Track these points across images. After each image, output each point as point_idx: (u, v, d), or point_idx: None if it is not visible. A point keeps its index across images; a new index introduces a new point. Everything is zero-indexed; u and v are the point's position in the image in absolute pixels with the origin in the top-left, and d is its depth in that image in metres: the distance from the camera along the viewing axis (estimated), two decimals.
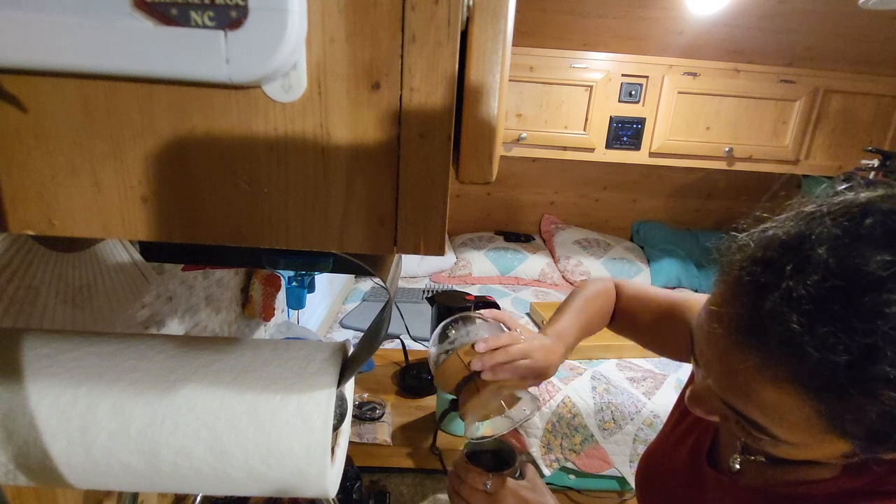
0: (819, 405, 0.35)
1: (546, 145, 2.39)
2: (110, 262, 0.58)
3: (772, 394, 0.37)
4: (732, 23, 2.15)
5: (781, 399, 0.37)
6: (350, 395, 0.41)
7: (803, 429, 0.37)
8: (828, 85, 2.34)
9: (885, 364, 0.32)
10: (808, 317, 0.34)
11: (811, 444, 0.39)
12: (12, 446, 0.32)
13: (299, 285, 1.12)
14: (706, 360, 0.42)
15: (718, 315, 0.40)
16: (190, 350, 0.36)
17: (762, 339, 0.36)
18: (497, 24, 0.25)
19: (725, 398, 0.41)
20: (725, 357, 0.40)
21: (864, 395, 0.33)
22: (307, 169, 0.26)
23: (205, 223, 0.27)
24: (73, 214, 0.26)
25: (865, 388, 0.33)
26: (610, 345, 1.88)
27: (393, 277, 0.38)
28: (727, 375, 0.40)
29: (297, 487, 0.35)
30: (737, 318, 0.38)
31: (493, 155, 0.28)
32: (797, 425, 0.37)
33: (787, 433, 0.38)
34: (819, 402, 0.35)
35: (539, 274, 2.67)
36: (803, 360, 0.34)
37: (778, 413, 0.38)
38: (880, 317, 0.32)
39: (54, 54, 0.23)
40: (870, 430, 0.35)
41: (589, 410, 1.66)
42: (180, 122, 0.25)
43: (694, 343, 0.44)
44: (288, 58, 0.24)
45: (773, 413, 0.38)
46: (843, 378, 0.33)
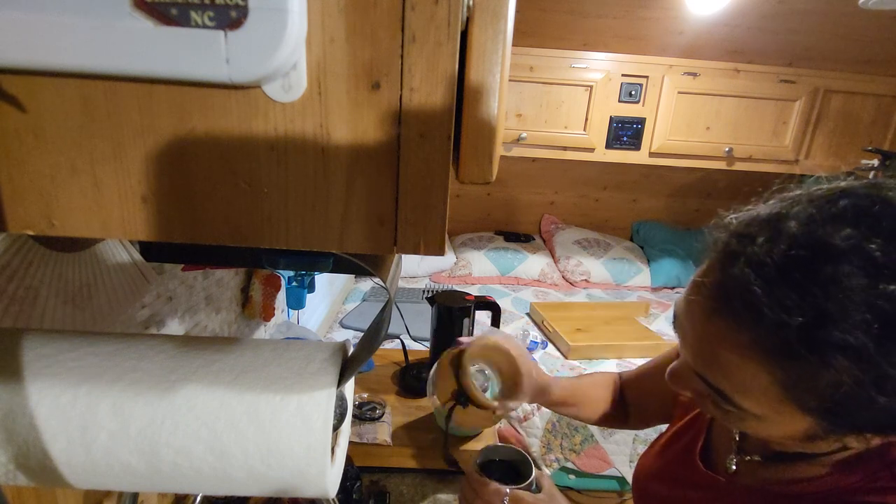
0: (775, 371, 0.37)
1: (546, 145, 2.39)
2: (110, 262, 0.58)
3: (735, 360, 0.39)
4: (732, 23, 2.15)
5: (743, 365, 0.38)
6: (350, 395, 0.41)
7: (764, 399, 0.39)
8: (828, 85, 2.34)
9: (837, 330, 0.33)
10: (770, 281, 0.36)
11: (773, 417, 0.40)
12: (12, 446, 0.32)
13: (299, 285, 1.12)
14: (683, 331, 0.45)
15: (698, 285, 0.42)
16: (190, 350, 0.36)
17: (729, 304, 0.39)
18: (497, 24, 0.25)
19: (698, 369, 0.43)
20: (699, 325, 0.42)
21: (816, 360, 0.35)
22: (307, 169, 0.26)
23: (205, 223, 0.27)
24: (73, 214, 0.26)
25: (817, 352, 0.34)
26: (610, 345, 1.88)
27: (393, 277, 0.38)
28: (699, 343, 0.42)
29: (297, 487, 0.35)
30: (710, 286, 0.41)
31: (493, 155, 0.28)
32: (759, 395, 0.39)
33: (751, 404, 0.40)
34: (775, 368, 0.37)
35: (539, 274, 2.67)
36: (761, 322, 0.36)
37: (742, 381, 0.39)
38: (837, 285, 0.33)
39: (54, 54, 0.23)
40: (823, 401, 0.36)
41: None
42: (180, 122, 0.25)
43: (675, 316, 0.46)
44: (288, 58, 0.24)
45: (738, 381, 0.40)
46: (796, 340, 0.35)
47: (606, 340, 1.90)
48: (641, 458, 0.71)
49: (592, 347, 1.86)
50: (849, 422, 0.38)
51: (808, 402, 0.37)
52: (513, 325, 2.10)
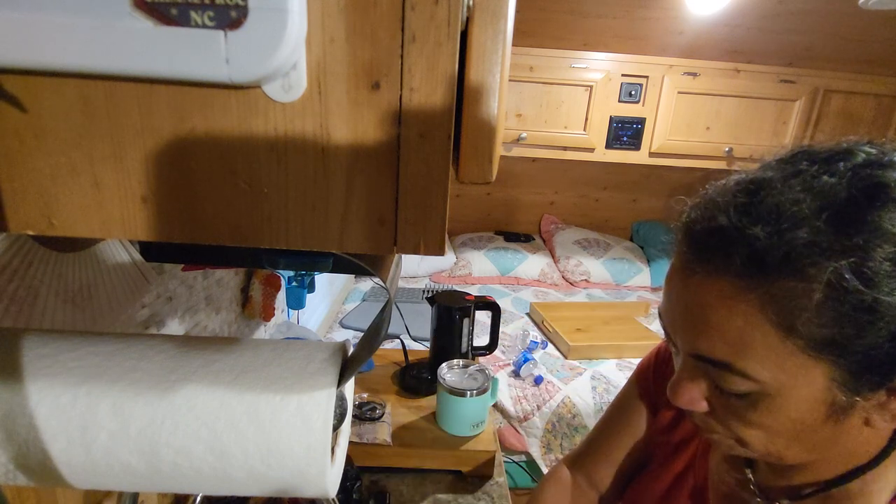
0: (765, 305, 0.36)
1: (546, 145, 2.39)
2: (110, 262, 0.58)
3: (724, 313, 0.38)
4: (732, 23, 2.15)
5: (733, 314, 0.37)
6: (350, 395, 0.41)
7: (767, 353, 0.37)
8: (828, 85, 2.34)
9: (796, 233, 0.34)
10: (728, 215, 0.37)
11: (784, 381, 0.37)
12: (12, 446, 0.32)
13: (299, 285, 1.12)
14: (671, 317, 0.43)
15: (670, 269, 0.43)
16: (190, 350, 0.36)
17: (702, 254, 0.39)
18: (497, 24, 0.25)
19: (695, 349, 0.41)
20: (682, 295, 0.41)
21: (790, 271, 0.35)
22: (307, 169, 0.26)
23: (205, 223, 0.27)
24: (73, 214, 0.26)
25: (787, 262, 0.35)
26: (610, 345, 1.88)
27: (393, 277, 0.38)
28: (687, 316, 0.41)
29: (297, 487, 0.35)
30: (678, 256, 0.42)
31: (493, 155, 0.28)
32: (760, 349, 0.37)
33: (756, 365, 0.37)
34: (763, 301, 0.36)
35: (539, 274, 2.67)
36: (731, 257, 0.37)
37: (739, 336, 0.37)
38: (784, 200, 0.36)
39: (54, 54, 0.23)
40: (820, 328, 0.35)
41: (589, 410, 1.66)
42: (180, 122, 0.25)
43: (661, 314, 0.45)
44: (288, 58, 0.24)
45: (735, 338, 0.38)
46: (766, 258, 0.35)
47: (606, 340, 1.90)
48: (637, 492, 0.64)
49: (592, 347, 1.86)
50: (862, 361, 0.35)
51: (806, 333, 0.35)
52: (513, 325, 2.10)
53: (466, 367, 1.07)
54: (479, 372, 1.05)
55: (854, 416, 0.38)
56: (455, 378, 1.03)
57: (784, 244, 0.35)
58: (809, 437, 0.40)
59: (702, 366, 0.41)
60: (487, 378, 1.03)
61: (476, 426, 1.02)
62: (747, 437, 0.42)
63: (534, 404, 1.68)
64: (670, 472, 0.60)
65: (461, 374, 1.05)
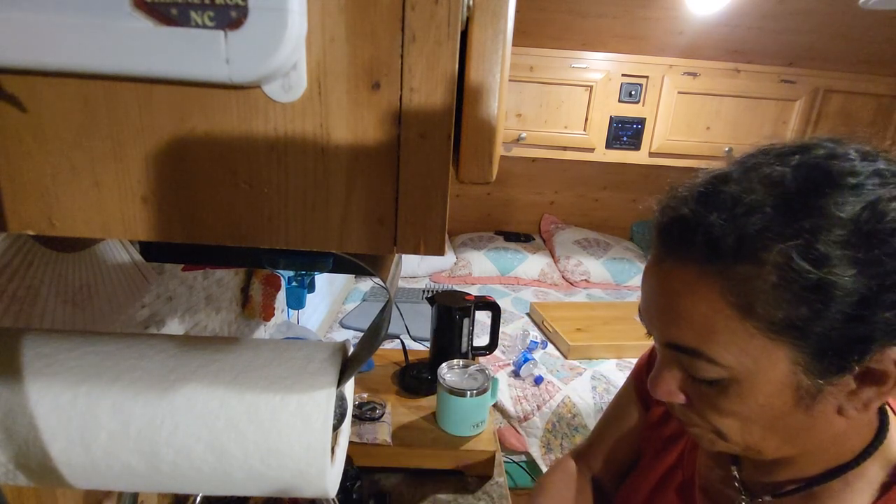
0: (725, 290, 0.37)
1: (546, 145, 2.39)
2: (110, 262, 0.58)
3: (690, 299, 0.39)
4: (733, 23, 2.15)
5: (698, 300, 0.39)
6: (350, 395, 0.41)
7: (732, 338, 0.38)
8: (828, 85, 2.34)
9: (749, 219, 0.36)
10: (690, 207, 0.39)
11: (750, 367, 0.38)
12: (12, 446, 0.32)
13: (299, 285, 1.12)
14: (647, 310, 0.45)
15: (649, 258, 0.45)
16: (190, 349, 0.36)
17: (668, 244, 0.41)
18: (497, 24, 0.25)
19: (665, 339, 0.42)
20: (654, 286, 0.43)
21: (748, 259, 0.36)
22: (307, 169, 0.26)
23: (205, 223, 0.27)
24: (73, 214, 0.26)
25: (743, 248, 0.36)
26: (610, 345, 1.88)
27: (393, 277, 0.38)
28: (660, 305, 0.42)
29: (297, 487, 0.35)
30: (656, 246, 0.43)
31: (493, 155, 0.28)
32: (725, 334, 0.38)
33: (722, 351, 0.39)
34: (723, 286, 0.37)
35: (539, 274, 2.67)
36: (694, 244, 0.38)
37: (705, 322, 0.39)
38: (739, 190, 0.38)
39: (54, 54, 0.23)
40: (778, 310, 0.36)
41: (589, 410, 1.66)
42: (180, 122, 0.25)
43: (640, 311, 0.46)
44: (288, 58, 0.24)
45: (702, 324, 0.39)
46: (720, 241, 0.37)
47: (606, 340, 1.90)
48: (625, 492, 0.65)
49: (592, 347, 1.86)
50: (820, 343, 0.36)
51: (764, 315, 0.36)
52: (513, 325, 2.10)
53: (466, 367, 1.07)
54: (479, 372, 1.05)
55: (825, 404, 0.39)
56: (455, 378, 1.03)
57: (737, 229, 0.36)
58: (784, 427, 0.40)
59: (675, 355, 0.42)
60: (487, 378, 1.03)
61: (476, 426, 1.02)
62: (724, 427, 0.42)
63: (534, 404, 1.68)
64: (660, 468, 0.60)
65: (461, 374, 1.05)
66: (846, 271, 0.34)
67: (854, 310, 0.34)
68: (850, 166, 0.36)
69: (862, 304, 0.34)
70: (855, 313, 0.34)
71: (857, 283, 0.34)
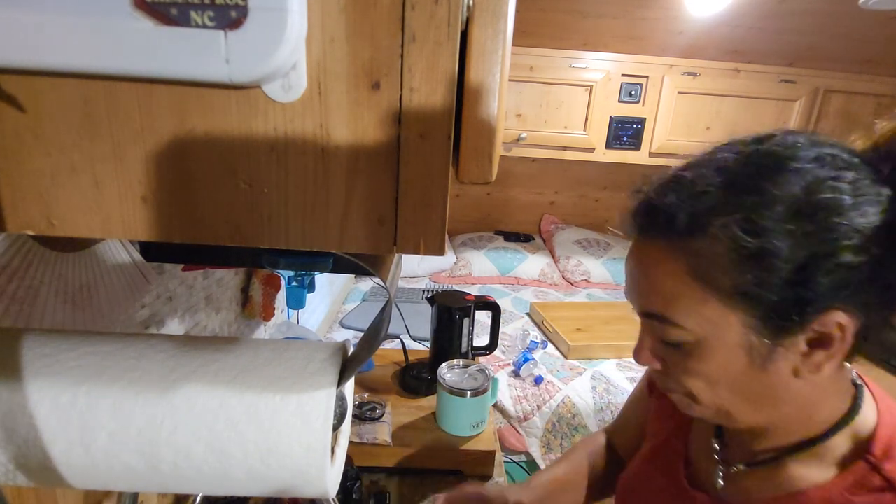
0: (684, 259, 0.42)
1: (546, 145, 2.39)
2: (110, 262, 0.58)
3: (659, 270, 0.44)
4: (733, 23, 2.15)
5: (664, 270, 0.44)
6: (350, 395, 0.41)
7: (691, 303, 0.42)
8: (828, 85, 2.34)
9: (698, 201, 0.41)
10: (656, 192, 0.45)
11: (709, 330, 0.42)
12: (12, 446, 0.32)
13: (299, 285, 1.12)
14: (628, 288, 0.49)
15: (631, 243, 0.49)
16: (190, 350, 0.36)
17: (640, 227, 0.46)
18: (497, 24, 0.25)
19: (641, 309, 0.47)
20: (632, 266, 0.48)
21: (701, 233, 0.41)
22: (307, 169, 0.26)
23: (205, 223, 0.27)
24: (73, 214, 0.26)
25: (696, 224, 0.41)
26: (610, 345, 1.88)
27: (393, 277, 0.38)
28: (635, 282, 0.47)
29: (297, 487, 0.35)
30: (633, 232, 0.47)
31: (493, 155, 0.28)
32: (686, 300, 0.43)
33: (685, 316, 0.43)
34: (681, 256, 0.42)
35: (539, 274, 2.67)
36: (657, 221, 0.44)
37: (670, 289, 0.43)
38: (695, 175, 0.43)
39: (54, 54, 0.23)
40: (729, 277, 0.40)
41: (589, 410, 1.66)
42: (180, 122, 0.25)
43: (626, 293, 0.50)
44: (288, 58, 0.24)
45: (668, 291, 0.44)
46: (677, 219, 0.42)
47: (606, 340, 1.90)
48: (622, 479, 0.68)
49: (592, 347, 1.86)
50: (765, 306, 0.40)
51: (718, 283, 0.41)
52: (513, 325, 2.10)
53: (466, 367, 1.07)
54: (479, 372, 1.05)
55: (778, 364, 0.42)
56: (455, 378, 1.03)
57: (690, 208, 0.41)
58: (747, 389, 0.44)
59: (650, 323, 0.47)
60: (487, 378, 1.03)
61: (476, 426, 1.02)
62: (694, 388, 0.46)
63: (534, 404, 1.68)
64: (655, 445, 0.65)
65: (461, 374, 1.05)
66: (784, 242, 0.38)
67: (793, 276, 0.38)
68: (793, 152, 0.40)
69: (799, 271, 0.38)
70: (794, 279, 0.39)
71: (795, 253, 0.38)
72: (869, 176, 0.39)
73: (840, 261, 0.38)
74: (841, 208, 0.38)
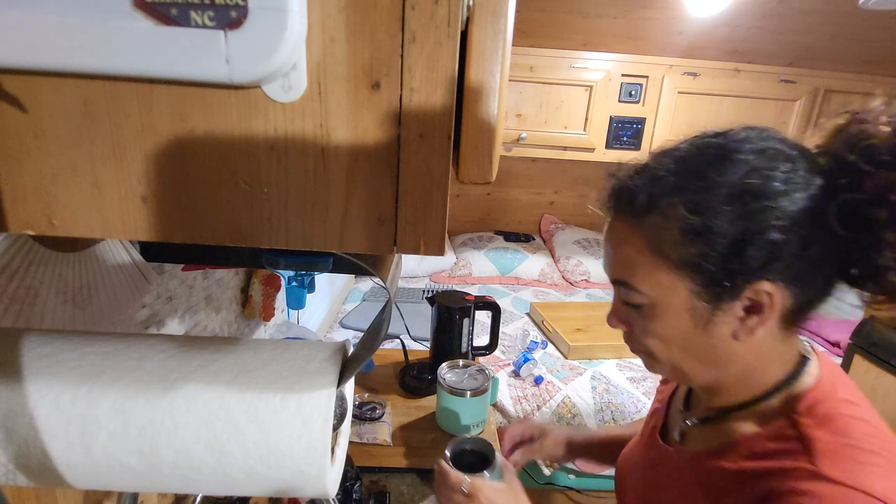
0: (642, 234, 0.48)
1: (546, 145, 2.39)
2: (110, 262, 0.58)
3: (623, 246, 0.51)
4: (733, 23, 2.14)
5: (628, 245, 0.50)
6: (350, 395, 0.41)
7: (647, 271, 0.49)
8: (828, 85, 2.34)
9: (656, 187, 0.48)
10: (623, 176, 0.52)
11: (661, 294, 0.49)
12: (12, 446, 0.32)
13: (299, 285, 1.12)
14: (605, 261, 0.55)
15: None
16: (190, 350, 0.36)
17: (611, 209, 0.53)
18: (497, 24, 0.25)
19: (611, 275, 0.54)
20: (606, 239, 0.54)
21: (656, 211, 0.47)
22: (307, 169, 0.26)
23: (205, 223, 0.27)
24: (73, 214, 0.26)
25: (652, 203, 0.47)
26: (610, 345, 1.88)
27: (393, 277, 0.38)
28: (608, 254, 0.54)
29: (297, 487, 0.35)
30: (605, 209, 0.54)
31: (493, 155, 0.28)
32: (644, 268, 0.49)
33: (643, 282, 0.50)
34: (639, 231, 0.49)
35: (539, 274, 2.67)
36: (620, 201, 0.51)
37: (632, 261, 0.50)
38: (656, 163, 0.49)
39: (54, 54, 0.23)
40: (677, 251, 0.47)
41: (589, 410, 1.66)
42: (180, 122, 0.25)
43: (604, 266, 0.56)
44: (288, 58, 0.24)
45: (630, 262, 0.50)
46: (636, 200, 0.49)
47: (606, 340, 1.90)
48: (623, 450, 0.75)
49: (592, 347, 1.86)
50: (706, 275, 0.46)
51: (669, 254, 0.47)
52: (513, 325, 2.10)
53: (466, 367, 1.07)
54: (479, 372, 1.05)
55: (719, 327, 0.48)
56: (455, 378, 1.03)
57: (648, 189, 0.48)
58: (695, 348, 0.50)
59: (618, 289, 0.53)
60: (487, 378, 1.03)
61: (476, 426, 1.02)
62: (652, 346, 0.52)
63: (534, 404, 1.68)
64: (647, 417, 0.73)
65: (461, 374, 1.05)
66: (722, 220, 0.44)
67: (728, 250, 0.45)
68: (739, 145, 0.46)
69: (734, 246, 0.44)
70: (729, 252, 0.45)
71: (730, 230, 0.44)
72: (805, 167, 0.45)
73: (768, 238, 0.43)
74: (771, 194, 0.43)
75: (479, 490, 0.65)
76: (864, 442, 0.43)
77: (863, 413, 0.47)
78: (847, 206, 0.43)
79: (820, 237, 0.44)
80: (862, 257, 0.44)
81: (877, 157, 0.42)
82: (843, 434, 0.44)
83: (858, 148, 0.43)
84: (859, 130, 0.44)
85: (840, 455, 0.42)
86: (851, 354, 1.37)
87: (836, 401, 0.47)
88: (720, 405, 0.54)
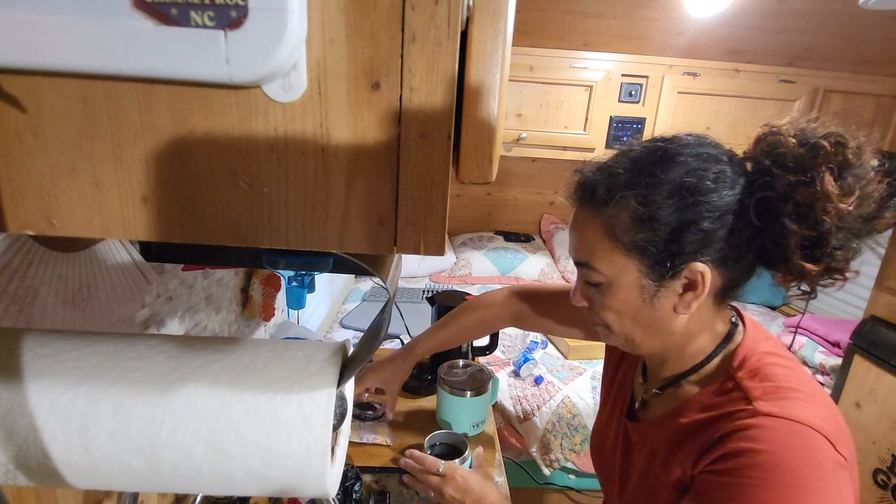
0: (601, 221, 0.56)
1: (546, 145, 2.39)
2: (110, 262, 0.58)
3: (587, 230, 0.58)
4: (732, 23, 2.14)
5: (589, 229, 0.57)
6: (350, 395, 0.41)
7: (605, 253, 0.56)
8: (828, 85, 2.34)
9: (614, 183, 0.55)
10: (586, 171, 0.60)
11: (616, 275, 0.56)
12: (12, 446, 0.32)
13: (299, 285, 1.12)
14: (570, 245, 0.62)
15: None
16: (190, 350, 0.36)
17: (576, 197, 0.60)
18: (497, 24, 0.25)
19: (575, 258, 0.61)
20: (572, 226, 0.61)
21: (612, 202, 0.54)
22: (307, 169, 0.26)
23: (205, 223, 0.27)
24: (73, 214, 0.26)
25: (610, 195, 0.55)
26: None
27: (393, 277, 0.38)
28: (572, 237, 0.61)
29: (297, 487, 0.35)
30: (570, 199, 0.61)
31: (493, 155, 0.28)
32: (602, 251, 0.56)
33: (600, 263, 0.57)
34: (599, 219, 0.56)
35: (539, 274, 2.67)
36: (585, 192, 0.58)
37: (592, 243, 0.57)
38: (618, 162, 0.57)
39: (54, 54, 0.23)
40: (629, 236, 0.54)
41: (589, 410, 1.66)
42: (180, 121, 0.25)
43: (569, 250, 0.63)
44: (288, 58, 0.24)
45: (591, 244, 0.57)
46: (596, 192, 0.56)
47: None
48: (593, 434, 0.82)
49: (592, 347, 1.86)
50: (652, 257, 0.54)
51: (622, 239, 0.54)
52: None
53: (466, 367, 1.07)
54: (479, 372, 1.05)
55: (662, 301, 0.56)
56: (455, 378, 1.03)
57: (607, 183, 0.56)
58: (642, 320, 0.58)
59: (580, 270, 0.60)
60: (487, 378, 1.03)
61: (476, 426, 1.02)
62: (608, 319, 0.60)
63: (534, 404, 1.68)
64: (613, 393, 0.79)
65: (461, 374, 1.05)
66: (665, 211, 0.52)
67: (670, 236, 0.53)
68: (681, 149, 0.55)
69: (674, 232, 0.53)
70: (670, 238, 0.53)
71: (671, 219, 0.52)
72: (732, 169, 0.54)
73: (701, 227, 0.52)
74: (705, 190, 0.52)
75: (453, 470, 0.76)
76: (786, 382, 0.54)
77: (782, 361, 0.57)
78: (762, 201, 0.52)
79: (742, 227, 0.53)
80: (773, 244, 0.52)
81: (785, 163, 0.51)
82: (770, 379, 0.54)
83: (772, 155, 0.52)
84: (774, 140, 0.53)
85: (770, 395, 0.52)
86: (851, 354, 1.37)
87: (759, 354, 0.57)
88: (671, 374, 0.63)
